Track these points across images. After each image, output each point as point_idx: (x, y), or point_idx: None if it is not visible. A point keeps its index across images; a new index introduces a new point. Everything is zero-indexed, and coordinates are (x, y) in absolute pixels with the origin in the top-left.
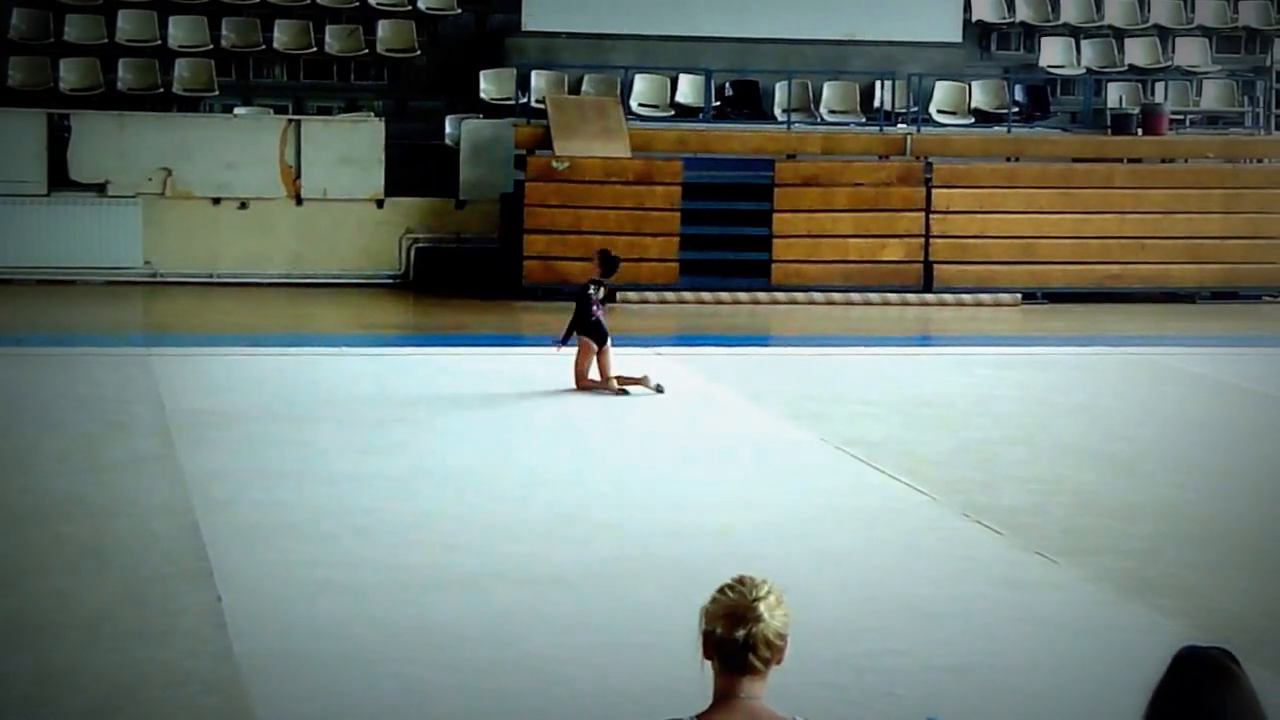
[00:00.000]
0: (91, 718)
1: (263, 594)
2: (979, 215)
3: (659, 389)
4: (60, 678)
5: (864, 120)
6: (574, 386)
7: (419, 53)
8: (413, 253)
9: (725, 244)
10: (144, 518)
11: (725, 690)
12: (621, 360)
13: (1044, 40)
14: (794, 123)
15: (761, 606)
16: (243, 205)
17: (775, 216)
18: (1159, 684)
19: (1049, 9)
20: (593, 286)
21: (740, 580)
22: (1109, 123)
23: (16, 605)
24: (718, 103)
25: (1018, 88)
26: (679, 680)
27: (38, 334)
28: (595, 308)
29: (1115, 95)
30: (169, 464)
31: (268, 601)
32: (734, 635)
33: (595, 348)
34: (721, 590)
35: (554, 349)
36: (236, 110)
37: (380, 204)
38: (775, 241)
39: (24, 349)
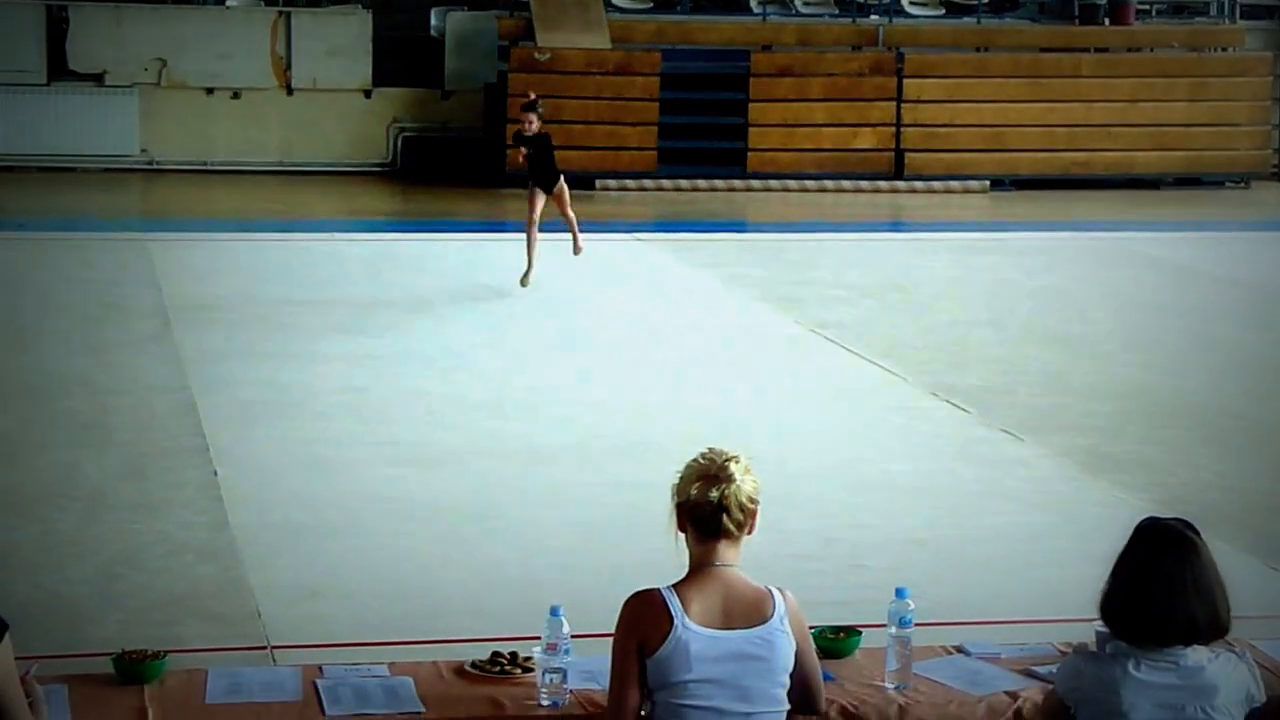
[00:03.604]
0: (94, 584)
1: (257, 469)
2: (949, 104)
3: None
4: (64, 547)
5: (837, 12)
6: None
7: None
8: (400, 141)
9: (702, 133)
10: (143, 395)
11: (701, 558)
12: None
13: None
14: (769, 15)
15: (734, 467)
16: (235, 95)
17: (751, 106)
18: (1122, 552)
19: None
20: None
21: (710, 449)
22: (1076, 13)
23: (22, 478)
24: None
25: None
26: (656, 552)
27: (38, 219)
28: None
29: None
30: (166, 344)
31: (262, 476)
32: (708, 497)
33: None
34: (693, 459)
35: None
36: (229, 2)
37: (368, 94)
38: (751, 130)
39: (25, 233)
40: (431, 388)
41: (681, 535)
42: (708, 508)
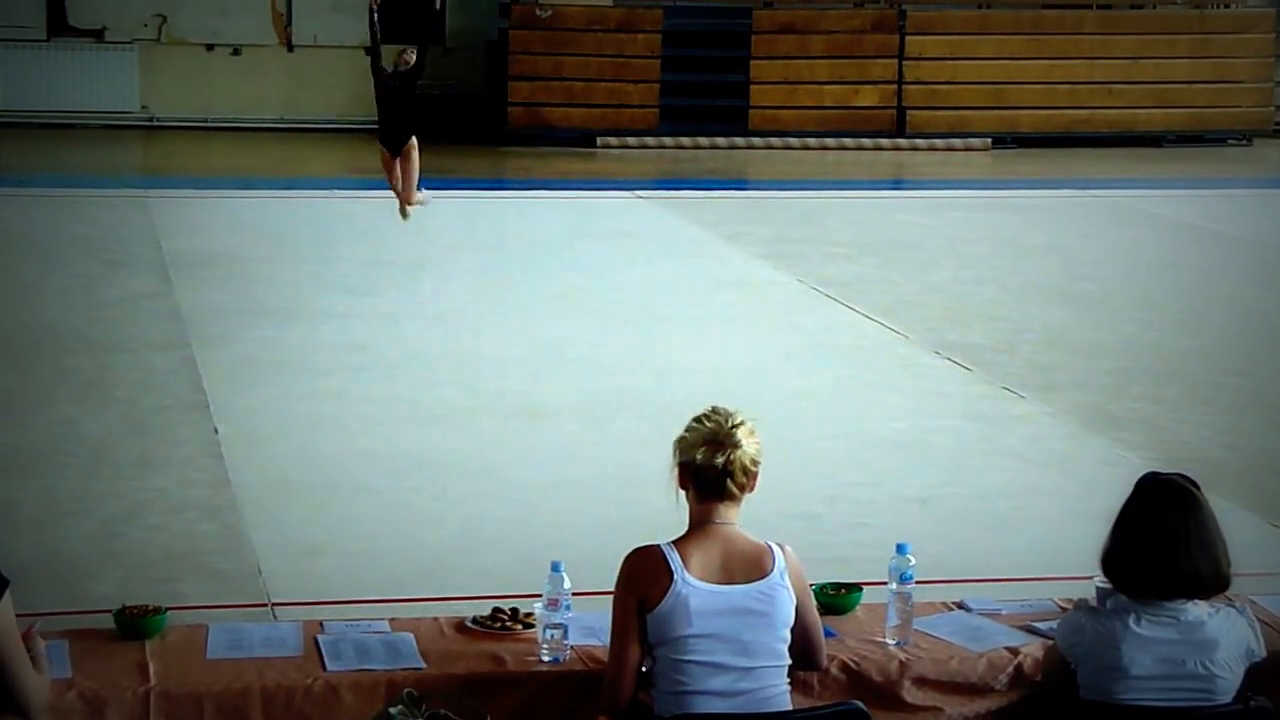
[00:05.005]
0: (94, 541)
1: (257, 426)
2: (951, 61)
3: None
4: (65, 504)
5: None
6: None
7: None
8: None
9: (704, 90)
10: (143, 353)
11: (701, 517)
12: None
13: None
14: None
15: (739, 433)
16: (235, 52)
17: (753, 63)
18: (1123, 507)
19: None
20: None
21: (714, 410)
22: None
23: (23, 436)
24: None
25: None
26: (656, 509)
27: (39, 176)
28: None
29: None
30: (166, 301)
31: (262, 433)
32: (714, 461)
33: None
34: (698, 420)
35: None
36: None
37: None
38: (752, 88)
39: (25, 190)
40: (432, 345)
41: (682, 493)
42: (712, 472)
